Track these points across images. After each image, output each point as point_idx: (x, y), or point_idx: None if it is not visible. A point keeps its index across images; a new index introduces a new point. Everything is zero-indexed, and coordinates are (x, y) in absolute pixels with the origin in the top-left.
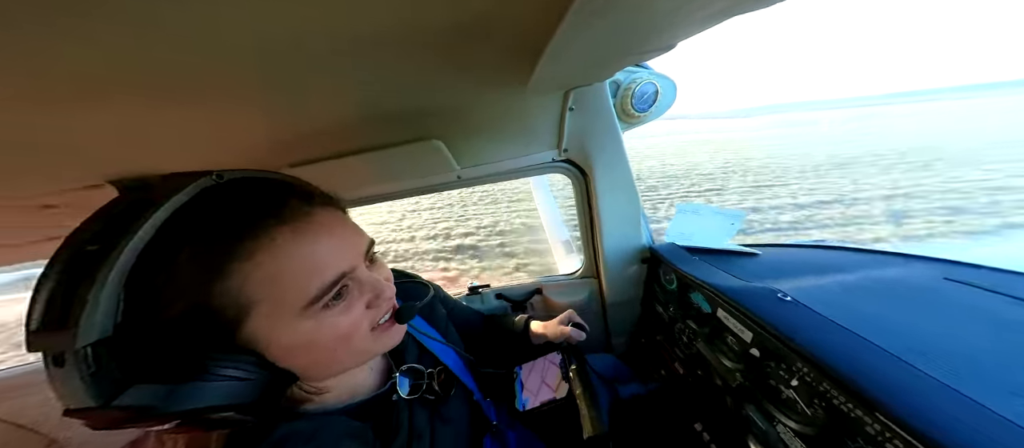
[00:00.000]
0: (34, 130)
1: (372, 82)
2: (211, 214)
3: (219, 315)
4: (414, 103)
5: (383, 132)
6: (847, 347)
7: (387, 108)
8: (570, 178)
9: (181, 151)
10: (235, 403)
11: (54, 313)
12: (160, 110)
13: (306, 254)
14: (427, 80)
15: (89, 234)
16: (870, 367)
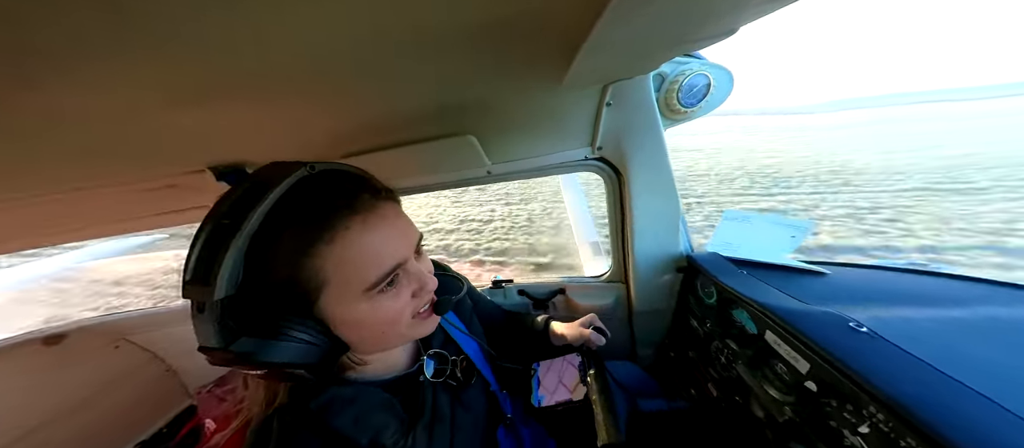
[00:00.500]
0: (164, 128)
1: (415, 79)
2: (307, 201)
3: (303, 287)
4: (450, 99)
5: (420, 127)
6: (945, 397)
7: (426, 103)
8: (602, 177)
9: (260, 141)
10: (304, 362)
11: (201, 271)
12: (249, 108)
13: (369, 243)
14: (465, 76)
15: (222, 211)
16: (978, 426)
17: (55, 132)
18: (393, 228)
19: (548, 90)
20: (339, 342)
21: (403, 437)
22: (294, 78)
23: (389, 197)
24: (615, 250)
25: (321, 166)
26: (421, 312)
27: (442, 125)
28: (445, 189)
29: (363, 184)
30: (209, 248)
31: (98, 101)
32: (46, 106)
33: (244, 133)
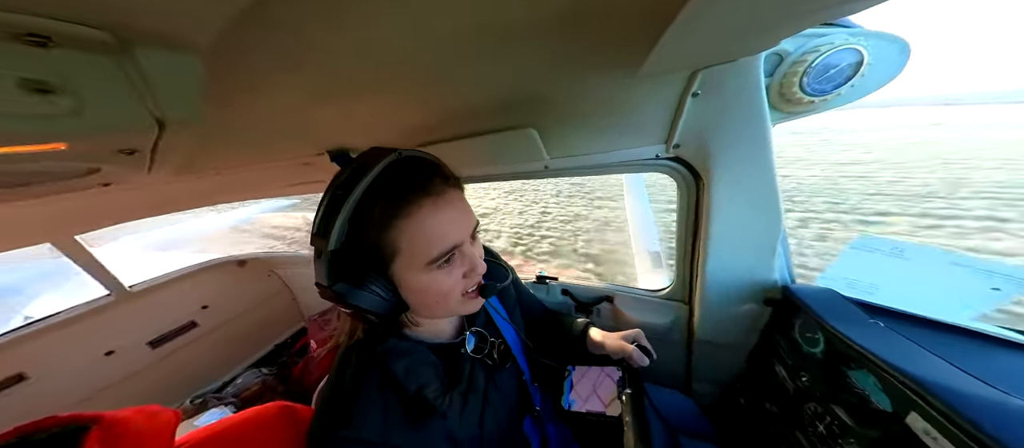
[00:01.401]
0: (304, 121)
1: (486, 75)
2: (394, 181)
3: (383, 252)
4: (513, 93)
5: (484, 119)
6: None
7: (491, 97)
8: (675, 180)
9: (360, 130)
10: (376, 311)
11: (322, 227)
12: (354, 104)
13: (436, 223)
14: (532, 69)
15: (338, 184)
16: None
17: (237, 126)
18: (456, 212)
19: (619, 80)
20: (402, 302)
21: (442, 396)
22: (389, 79)
23: (455, 184)
24: (681, 265)
25: (406, 153)
26: (470, 292)
27: (503, 118)
28: (503, 180)
29: (437, 171)
30: (328, 211)
31: (269, 103)
32: (239, 108)
33: (350, 124)
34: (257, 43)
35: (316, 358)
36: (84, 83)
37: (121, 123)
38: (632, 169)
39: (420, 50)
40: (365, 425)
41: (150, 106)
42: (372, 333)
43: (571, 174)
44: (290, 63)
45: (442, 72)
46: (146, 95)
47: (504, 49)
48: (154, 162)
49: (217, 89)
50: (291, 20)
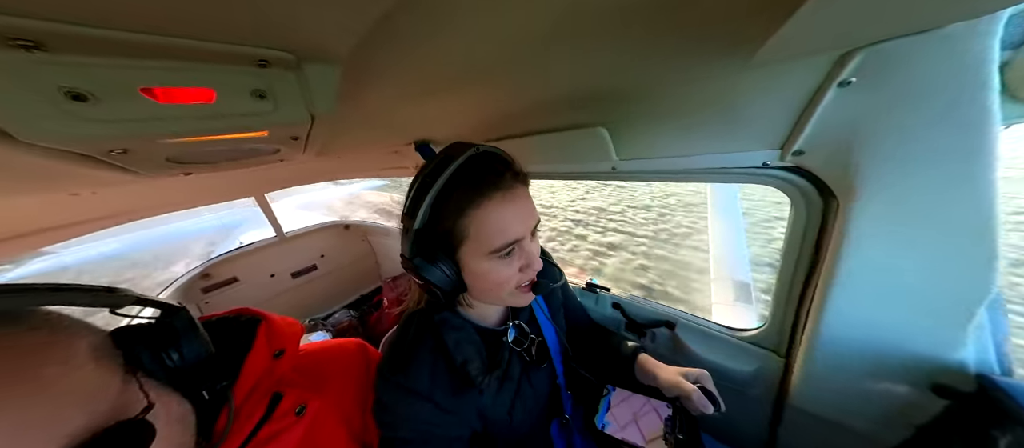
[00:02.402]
0: (401, 112)
1: (570, 65)
2: (471, 173)
3: (454, 236)
4: (589, 88)
5: (555, 116)
6: None
7: (567, 92)
8: (789, 196)
9: (440, 123)
10: (440, 287)
11: (411, 208)
12: (441, 99)
13: (502, 216)
14: (617, 59)
15: (426, 172)
16: None
17: (352, 119)
18: (521, 208)
19: (720, 70)
20: (463, 284)
21: (482, 374)
22: (473, 76)
23: (524, 181)
24: (781, 306)
25: (484, 148)
26: (523, 286)
27: (573, 115)
28: (567, 179)
29: (509, 166)
30: (416, 195)
31: (375, 100)
32: (355, 104)
33: (432, 119)
34: (375, 51)
35: (387, 313)
36: (279, 90)
37: (293, 117)
38: (725, 178)
39: (508, 46)
40: (417, 378)
41: (308, 104)
42: (433, 304)
43: (644, 178)
44: (394, 67)
45: (524, 67)
46: (307, 96)
47: (590, 40)
48: (307, 146)
49: (344, 89)
50: (404, 30)
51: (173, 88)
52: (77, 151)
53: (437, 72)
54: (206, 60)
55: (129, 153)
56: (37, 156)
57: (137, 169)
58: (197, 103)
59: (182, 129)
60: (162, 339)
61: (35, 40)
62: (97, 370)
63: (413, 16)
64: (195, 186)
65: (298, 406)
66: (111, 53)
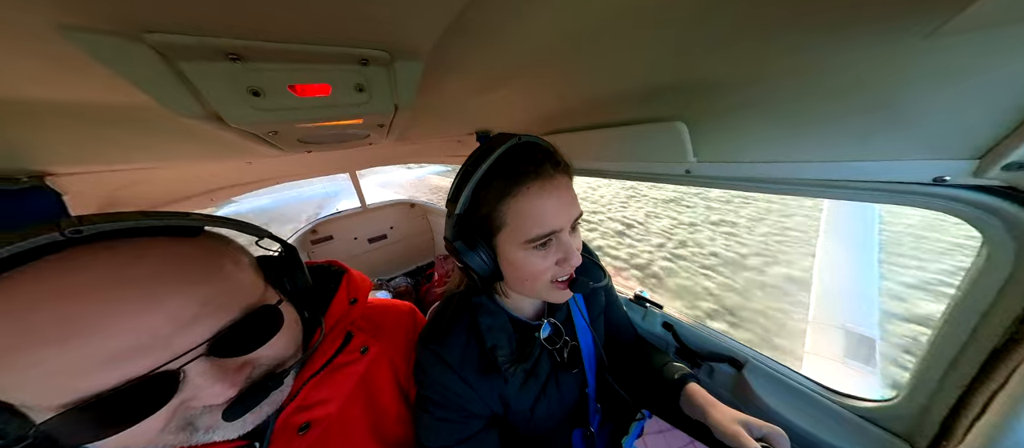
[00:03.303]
0: (466, 104)
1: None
2: (511, 162)
3: (492, 223)
4: (675, 75)
5: (625, 108)
6: None
7: (644, 82)
8: (983, 230)
9: (500, 115)
10: (478, 272)
11: (454, 194)
12: (504, 91)
13: (539, 205)
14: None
15: (469, 161)
16: None
17: (426, 109)
18: (560, 199)
19: (878, 47)
20: (498, 270)
21: (509, 363)
22: (538, 68)
23: (565, 171)
24: (933, 379)
25: (525, 138)
26: (560, 281)
27: (646, 108)
28: (629, 179)
29: (550, 156)
30: (459, 183)
31: (447, 92)
32: (429, 97)
33: (493, 110)
34: (451, 46)
35: (435, 287)
36: (374, 85)
37: (382, 108)
38: (860, 195)
39: (581, 33)
40: (449, 351)
41: (394, 96)
42: (471, 288)
43: (729, 186)
44: (466, 60)
45: (597, 55)
46: (393, 89)
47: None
48: (389, 132)
49: (422, 83)
50: (479, 23)
51: (306, 85)
52: (251, 132)
53: (503, 64)
54: (326, 61)
55: (278, 134)
56: (233, 134)
57: (281, 146)
58: (319, 96)
59: (309, 116)
60: (284, 268)
61: (238, 54)
62: (253, 274)
63: (489, 7)
64: (313, 161)
65: (363, 347)
66: (273, 59)
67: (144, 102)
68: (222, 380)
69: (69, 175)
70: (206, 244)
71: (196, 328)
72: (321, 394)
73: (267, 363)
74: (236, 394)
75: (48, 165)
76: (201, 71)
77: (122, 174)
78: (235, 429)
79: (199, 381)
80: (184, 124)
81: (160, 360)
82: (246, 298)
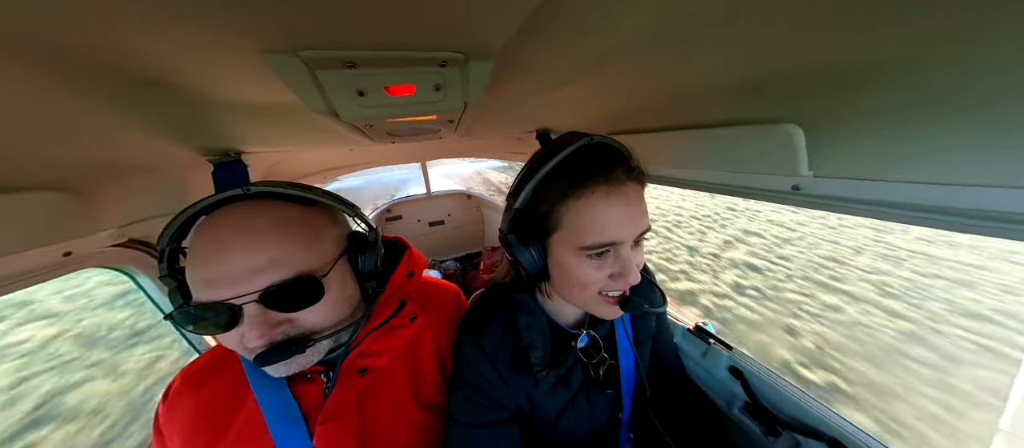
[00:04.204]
0: (528, 102)
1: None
2: (579, 162)
3: (548, 222)
4: (788, 63)
5: (713, 106)
6: None
7: (744, 75)
8: None
9: (562, 113)
10: (526, 269)
11: (515, 189)
12: (566, 89)
13: (602, 212)
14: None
15: (534, 159)
16: None
17: (490, 108)
18: (627, 209)
19: None
20: (545, 269)
21: (541, 366)
22: (607, 63)
23: (638, 179)
24: None
25: (598, 139)
26: (610, 296)
27: (744, 107)
28: (722, 193)
29: (622, 160)
30: (522, 178)
31: (510, 92)
32: (493, 95)
33: (553, 108)
34: (521, 46)
35: (480, 275)
36: (449, 84)
37: (454, 105)
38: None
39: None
40: (486, 339)
41: (465, 95)
42: (516, 282)
43: (852, 211)
44: (535, 59)
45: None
46: (465, 88)
47: None
48: (457, 128)
49: (490, 82)
50: (551, 23)
51: (397, 85)
52: (355, 124)
53: (574, 61)
54: (414, 64)
55: (373, 127)
56: (342, 126)
57: (373, 137)
58: (405, 95)
59: (396, 112)
60: (361, 246)
61: (354, 62)
62: (327, 246)
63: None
64: (395, 151)
65: (412, 315)
66: (377, 65)
67: (293, 101)
68: (257, 328)
69: (249, 153)
70: (303, 213)
71: (257, 279)
72: (377, 347)
73: (303, 327)
74: (267, 344)
75: (241, 146)
76: (328, 77)
77: (274, 154)
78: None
79: (247, 322)
80: (313, 118)
81: (229, 295)
82: (303, 266)
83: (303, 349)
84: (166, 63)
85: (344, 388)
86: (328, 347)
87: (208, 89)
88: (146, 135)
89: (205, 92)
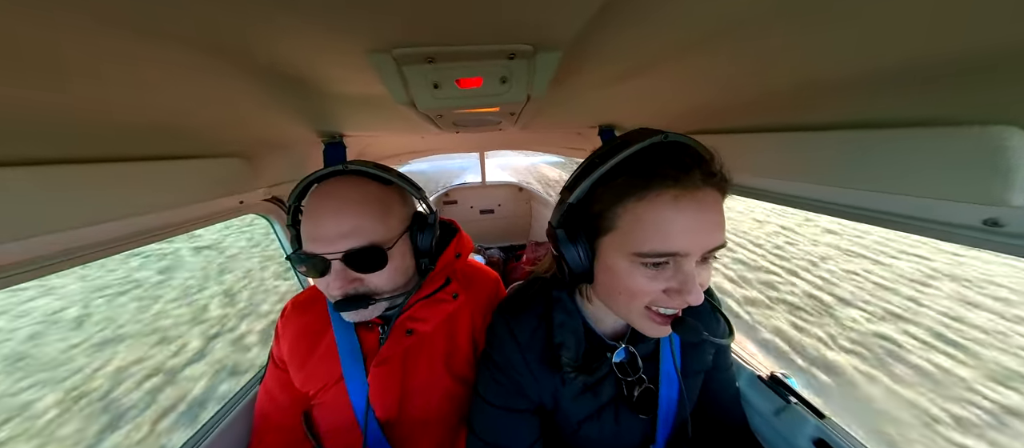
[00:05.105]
0: (592, 95)
1: None
2: (647, 161)
3: (601, 222)
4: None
5: (853, 104)
6: None
7: (908, 57)
8: None
9: (629, 108)
10: (570, 267)
11: (572, 183)
12: (635, 82)
13: (667, 219)
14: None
15: (597, 154)
16: None
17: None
18: (699, 218)
19: None
20: (590, 274)
21: (569, 368)
22: (694, 53)
23: (717, 186)
24: None
25: (674, 137)
26: (660, 314)
27: (909, 102)
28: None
29: (701, 164)
30: (581, 173)
31: (576, 83)
32: (556, 87)
33: (620, 103)
34: (593, 34)
35: (522, 267)
36: (515, 77)
37: (517, 98)
38: None
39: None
40: (520, 328)
41: (528, 87)
42: (557, 278)
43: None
44: (605, 48)
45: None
46: (529, 81)
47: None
48: (517, 120)
49: (555, 74)
50: (627, 7)
51: (467, 78)
52: (428, 114)
53: (654, 47)
54: (484, 58)
55: (442, 117)
56: (418, 116)
57: (441, 126)
58: (473, 87)
59: (463, 104)
60: (422, 226)
61: (433, 57)
62: (395, 223)
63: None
64: (458, 140)
65: (455, 293)
66: (452, 59)
67: (382, 93)
68: (338, 280)
69: (348, 136)
70: (381, 191)
71: (343, 242)
72: (423, 314)
73: (369, 287)
74: (343, 295)
75: (344, 130)
76: (412, 71)
77: (365, 138)
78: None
79: (332, 274)
80: (396, 108)
81: (323, 250)
82: (375, 237)
83: (367, 305)
84: (304, 64)
85: (395, 343)
86: (385, 306)
87: (327, 84)
88: (287, 120)
89: (325, 87)
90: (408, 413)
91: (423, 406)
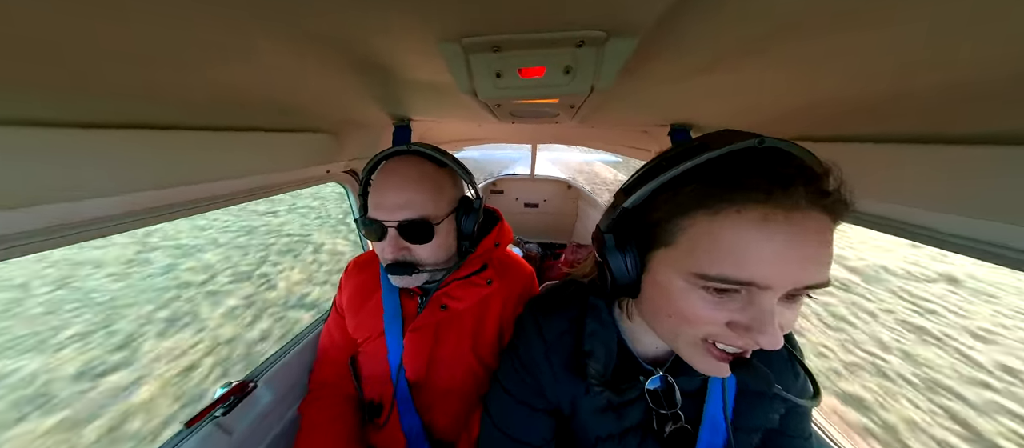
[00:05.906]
0: (664, 90)
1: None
2: (731, 168)
3: (658, 233)
4: None
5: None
6: None
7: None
8: None
9: (710, 105)
10: (614, 276)
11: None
12: (718, 75)
13: (748, 241)
14: None
15: (667, 156)
16: None
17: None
18: (792, 245)
19: None
20: (636, 285)
21: (594, 380)
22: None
23: (829, 210)
24: None
25: (772, 142)
26: (718, 350)
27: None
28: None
29: (809, 179)
30: (643, 176)
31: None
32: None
33: (701, 101)
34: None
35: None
36: (580, 66)
37: (579, 89)
38: None
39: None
40: (549, 327)
41: (593, 78)
42: (596, 284)
43: None
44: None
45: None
46: (596, 71)
47: None
48: (576, 114)
49: (626, 64)
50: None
51: (530, 67)
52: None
53: (755, 31)
54: (550, 46)
55: (501, 107)
56: (478, 104)
57: (498, 116)
58: (535, 77)
59: (523, 94)
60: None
61: (499, 46)
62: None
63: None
64: (513, 130)
65: (489, 279)
66: (517, 47)
67: (448, 81)
68: (391, 246)
69: (414, 120)
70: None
71: (400, 212)
72: (458, 293)
73: (415, 257)
74: (393, 261)
75: (410, 114)
76: (477, 60)
77: (427, 123)
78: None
79: (388, 240)
80: (459, 96)
81: (383, 217)
82: (426, 212)
83: (411, 272)
84: (386, 53)
85: (429, 314)
86: (426, 278)
87: (402, 71)
88: (367, 103)
89: (400, 74)
90: (433, 380)
91: (447, 377)
